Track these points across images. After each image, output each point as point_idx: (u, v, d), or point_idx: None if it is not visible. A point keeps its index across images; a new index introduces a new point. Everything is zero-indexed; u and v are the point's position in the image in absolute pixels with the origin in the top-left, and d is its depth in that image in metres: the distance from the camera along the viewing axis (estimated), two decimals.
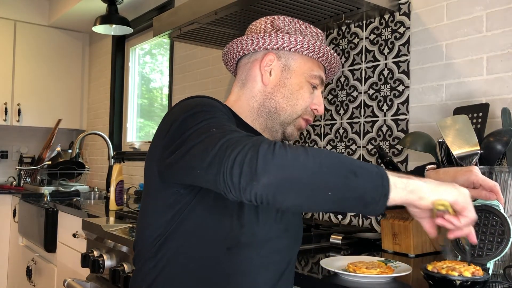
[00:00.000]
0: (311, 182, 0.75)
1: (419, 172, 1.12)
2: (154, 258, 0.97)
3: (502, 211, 1.04)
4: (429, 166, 1.13)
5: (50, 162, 3.65)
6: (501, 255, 1.04)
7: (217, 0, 1.76)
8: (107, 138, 3.33)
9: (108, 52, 4.06)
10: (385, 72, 1.77)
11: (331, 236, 1.53)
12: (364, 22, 1.86)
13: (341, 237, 1.51)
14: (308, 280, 1.13)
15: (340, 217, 1.90)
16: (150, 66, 3.93)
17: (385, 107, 1.77)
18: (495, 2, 1.46)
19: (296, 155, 0.76)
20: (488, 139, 1.19)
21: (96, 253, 1.81)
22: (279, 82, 1.07)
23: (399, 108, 1.72)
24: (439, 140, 1.32)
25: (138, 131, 3.89)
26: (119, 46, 3.96)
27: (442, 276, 0.90)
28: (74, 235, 2.11)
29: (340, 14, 1.76)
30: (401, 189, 0.79)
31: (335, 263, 1.15)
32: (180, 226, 0.95)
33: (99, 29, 3.28)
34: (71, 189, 3.44)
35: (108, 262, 1.74)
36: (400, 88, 1.72)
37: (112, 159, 3.14)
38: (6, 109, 3.92)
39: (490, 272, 1.03)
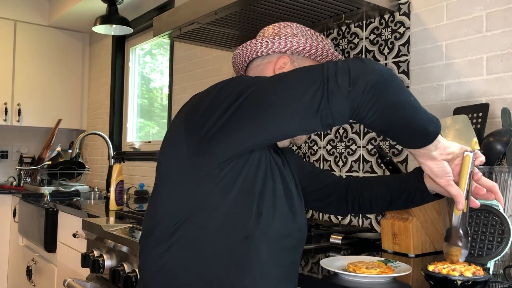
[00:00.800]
0: (400, 84, 0.86)
1: (419, 172, 1.12)
2: (169, 241, 0.96)
3: (501, 211, 1.04)
4: None
5: (50, 162, 3.65)
6: (501, 255, 1.04)
7: (217, 0, 1.76)
8: (107, 138, 3.33)
9: (108, 52, 4.07)
10: None
11: (331, 236, 1.53)
12: (364, 22, 1.86)
13: (341, 237, 1.51)
14: (308, 280, 1.13)
15: (340, 217, 1.90)
16: (150, 66, 3.93)
17: None
18: (495, 2, 1.46)
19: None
20: (488, 139, 1.19)
21: (96, 253, 1.81)
22: None
23: None
24: None
25: (138, 131, 3.89)
26: (119, 46, 3.96)
27: (443, 277, 0.90)
28: (74, 235, 2.11)
29: (340, 14, 1.76)
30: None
31: (335, 263, 1.15)
32: (202, 209, 0.94)
33: (99, 29, 3.29)
34: (71, 189, 3.44)
35: (108, 262, 1.74)
36: None
37: (112, 159, 3.15)
38: (6, 109, 3.92)
39: (491, 272, 1.03)
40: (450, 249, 0.95)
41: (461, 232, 0.94)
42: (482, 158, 0.95)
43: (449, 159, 0.92)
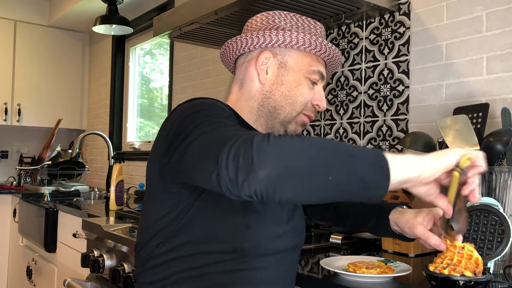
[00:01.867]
0: (310, 166, 0.72)
1: (392, 207, 1.09)
2: (159, 258, 0.97)
3: (501, 211, 1.04)
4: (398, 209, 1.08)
5: (50, 162, 3.65)
6: (501, 255, 1.04)
7: (217, 0, 1.76)
8: (107, 138, 3.33)
9: (108, 52, 4.07)
10: (385, 72, 1.77)
11: (331, 236, 1.53)
12: (364, 22, 1.86)
13: (341, 237, 1.51)
14: (308, 280, 1.13)
15: None
16: (150, 66, 3.93)
17: (385, 107, 1.77)
18: (495, 2, 1.46)
19: (291, 142, 0.74)
20: (488, 139, 1.19)
21: (96, 253, 1.81)
22: (276, 80, 1.05)
23: (399, 108, 1.72)
24: (439, 140, 1.32)
25: (138, 131, 3.89)
26: (119, 46, 3.96)
27: (445, 277, 0.90)
28: (74, 235, 2.11)
29: (340, 14, 1.76)
30: (401, 168, 0.75)
31: (335, 263, 1.15)
32: (184, 227, 0.94)
33: (99, 29, 3.28)
34: (71, 189, 3.44)
35: (108, 262, 1.74)
36: (400, 88, 1.72)
37: (112, 159, 3.14)
38: (6, 109, 3.92)
39: (491, 271, 1.03)
40: (450, 232, 0.92)
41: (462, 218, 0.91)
42: (480, 169, 0.81)
43: (430, 182, 0.82)
